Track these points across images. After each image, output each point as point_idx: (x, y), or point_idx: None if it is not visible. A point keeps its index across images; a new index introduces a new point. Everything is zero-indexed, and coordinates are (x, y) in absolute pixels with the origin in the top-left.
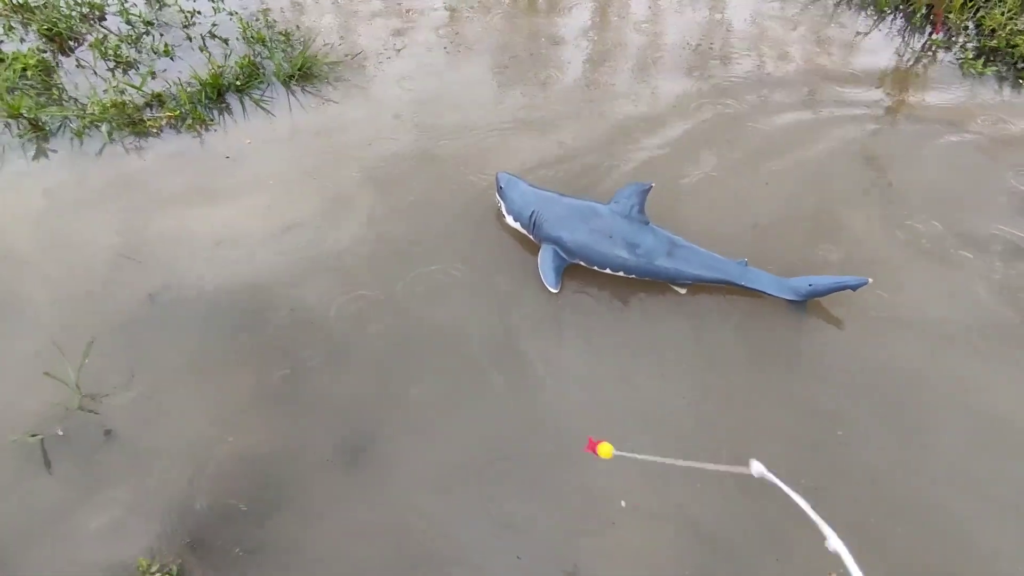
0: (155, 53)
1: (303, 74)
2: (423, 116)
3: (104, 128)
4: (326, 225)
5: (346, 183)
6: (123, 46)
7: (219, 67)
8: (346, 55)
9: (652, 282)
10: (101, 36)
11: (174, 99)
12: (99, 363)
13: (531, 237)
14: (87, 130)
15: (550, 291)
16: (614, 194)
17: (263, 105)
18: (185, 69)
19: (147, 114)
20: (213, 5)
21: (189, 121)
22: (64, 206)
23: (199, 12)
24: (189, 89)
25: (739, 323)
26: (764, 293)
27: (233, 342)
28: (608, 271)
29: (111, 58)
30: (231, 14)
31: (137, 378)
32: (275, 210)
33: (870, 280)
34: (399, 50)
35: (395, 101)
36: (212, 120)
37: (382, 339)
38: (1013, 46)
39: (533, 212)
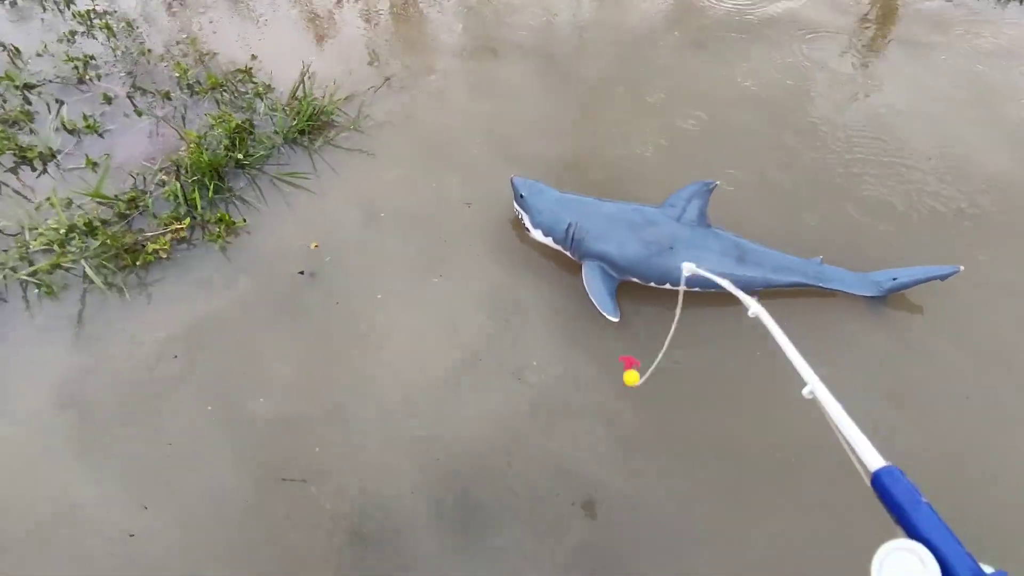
0: (71, 132)
1: (314, 126)
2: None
3: (85, 267)
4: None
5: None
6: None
7: (197, 137)
8: (370, 88)
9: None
10: None
11: (158, 197)
12: None
13: (568, 254)
14: (55, 280)
15: (610, 320)
16: (668, 196)
17: (288, 180)
18: (126, 147)
19: (140, 231)
20: (110, 44)
21: (214, 230)
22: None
23: (93, 58)
24: (171, 179)
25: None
26: (841, 292)
27: None
28: (667, 286)
29: (14, 153)
30: (142, 55)
31: None
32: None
33: (961, 268)
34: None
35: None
36: (238, 220)
37: None
38: None
39: (571, 225)
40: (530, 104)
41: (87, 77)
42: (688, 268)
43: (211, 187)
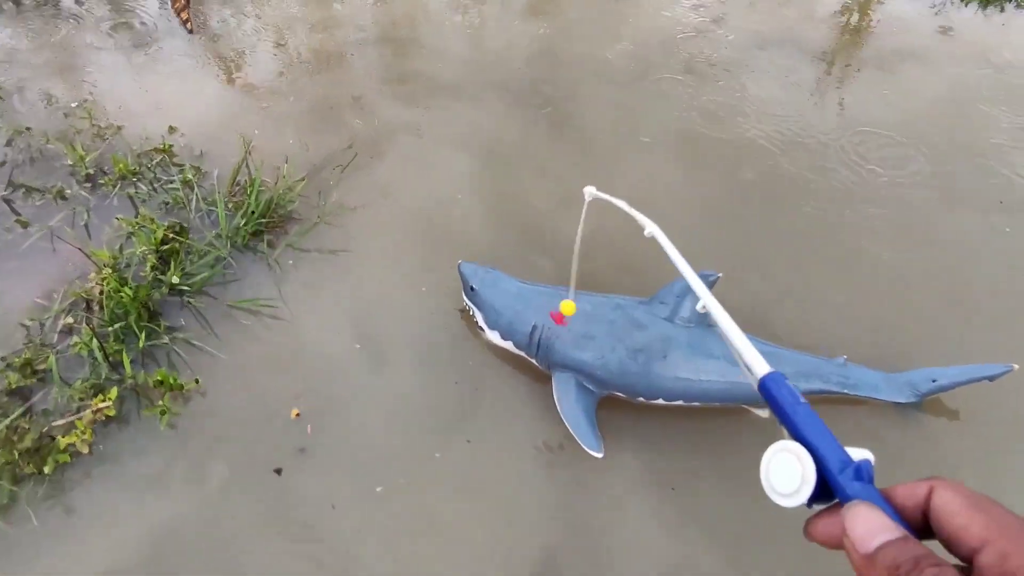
0: None
1: (269, 223)
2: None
3: None
4: None
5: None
6: None
7: (111, 258)
8: (336, 167)
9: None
10: None
11: (65, 353)
12: None
13: (534, 362)
14: None
15: (593, 456)
16: (658, 291)
17: (248, 308)
18: (9, 280)
19: (43, 414)
20: None
21: (154, 397)
22: None
23: None
24: (79, 324)
25: None
26: (870, 399)
27: None
28: (660, 402)
29: None
30: (18, 134)
31: None
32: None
33: (1015, 367)
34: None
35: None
36: (187, 381)
37: None
38: None
39: (536, 327)
40: (526, 154)
41: None
42: (590, 192)
43: (141, 333)
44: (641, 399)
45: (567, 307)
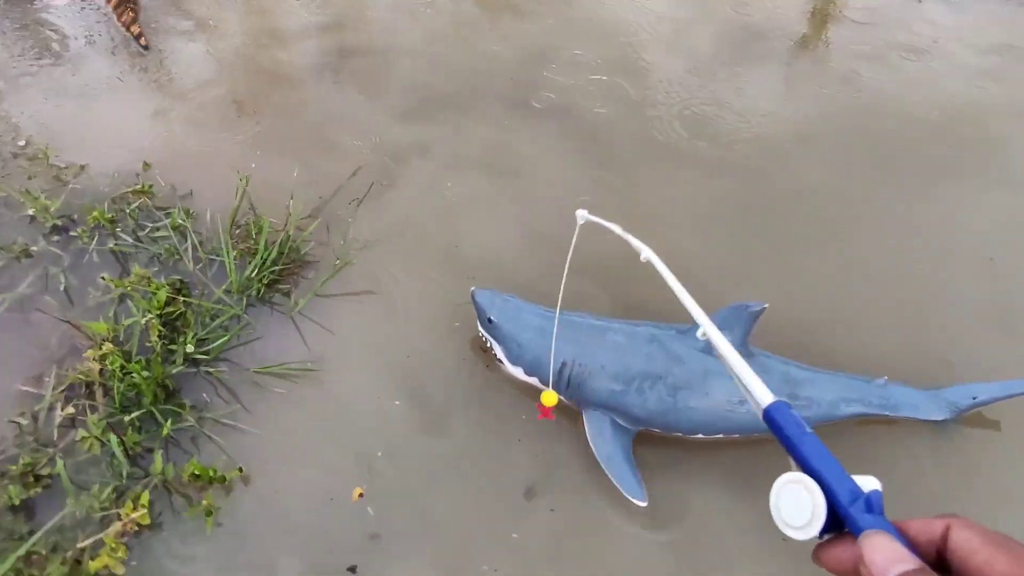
0: None
1: (284, 271)
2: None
3: None
4: None
5: None
6: None
7: (109, 330)
8: (352, 201)
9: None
10: None
11: (72, 450)
12: None
13: (563, 398)
14: None
15: (638, 505)
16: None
17: (278, 373)
18: None
19: (59, 532)
20: None
21: (191, 495)
22: None
23: None
24: (81, 411)
25: None
26: (906, 418)
27: None
28: (700, 436)
29: None
30: None
31: None
32: None
33: None
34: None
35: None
36: (228, 470)
37: None
38: None
39: (566, 364)
40: (538, 165)
41: None
42: (581, 216)
43: (167, 420)
44: (680, 434)
45: (548, 398)
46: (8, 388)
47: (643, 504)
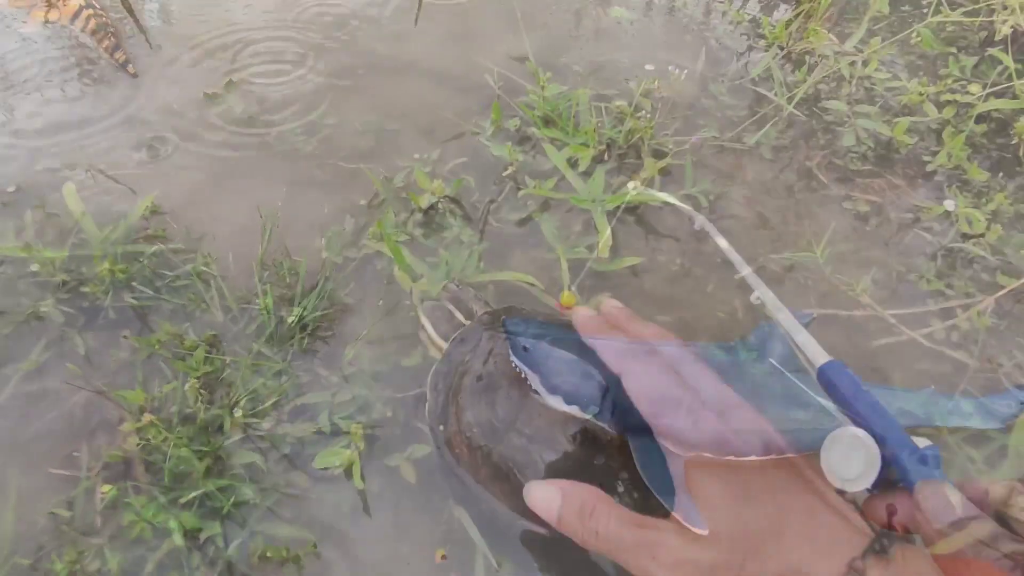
0: None
1: (325, 317)
2: None
3: None
4: None
5: None
6: None
7: (147, 401)
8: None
9: None
10: None
11: (118, 538)
12: None
13: (607, 427)
14: None
15: (698, 533)
16: (749, 336)
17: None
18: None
19: None
20: None
21: None
22: None
23: None
24: (124, 491)
25: None
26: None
27: None
28: (752, 458)
29: None
30: None
31: None
32: None
33: None
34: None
35: None
36: (302, 547)
37: None
38: None
39: (609, 389)
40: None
41: None
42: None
43: (228, 498)
44: (732, 457)
45: (568, 299)
46: (37, 472)
47: (704, 532)
